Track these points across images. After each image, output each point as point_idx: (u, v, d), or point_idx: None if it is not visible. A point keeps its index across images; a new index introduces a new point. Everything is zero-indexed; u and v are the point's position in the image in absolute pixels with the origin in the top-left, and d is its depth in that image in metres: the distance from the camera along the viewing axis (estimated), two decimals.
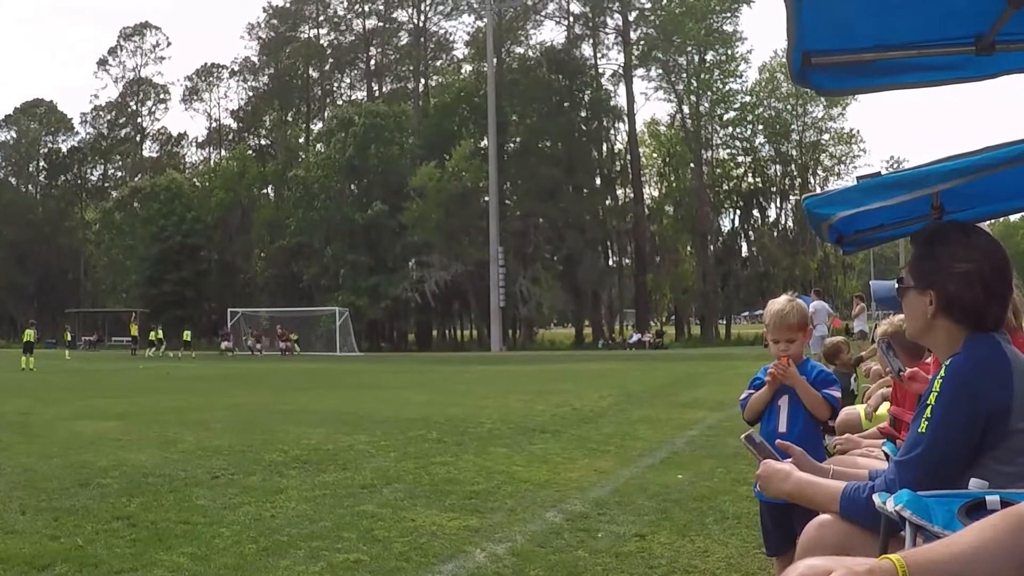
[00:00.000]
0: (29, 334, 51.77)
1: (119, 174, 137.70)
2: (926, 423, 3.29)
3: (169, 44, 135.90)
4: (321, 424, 18.30)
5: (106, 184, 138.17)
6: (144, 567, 7.36)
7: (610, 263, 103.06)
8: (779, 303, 5.97)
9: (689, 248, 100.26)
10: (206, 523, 8.98)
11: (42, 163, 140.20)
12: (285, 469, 12.46)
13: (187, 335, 72.53)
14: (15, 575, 7.19)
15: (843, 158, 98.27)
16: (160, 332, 71.13)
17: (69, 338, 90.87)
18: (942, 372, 3.33)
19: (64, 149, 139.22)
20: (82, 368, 50.46)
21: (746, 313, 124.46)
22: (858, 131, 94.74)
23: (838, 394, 5.97)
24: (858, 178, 6.50)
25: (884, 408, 8.00)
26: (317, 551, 7.88)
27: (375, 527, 8.78)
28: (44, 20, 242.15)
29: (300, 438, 15.91)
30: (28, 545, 8.03)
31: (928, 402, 3.31)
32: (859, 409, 7.47)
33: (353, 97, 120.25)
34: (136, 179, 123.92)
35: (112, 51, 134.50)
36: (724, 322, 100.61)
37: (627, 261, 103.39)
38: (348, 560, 7.57)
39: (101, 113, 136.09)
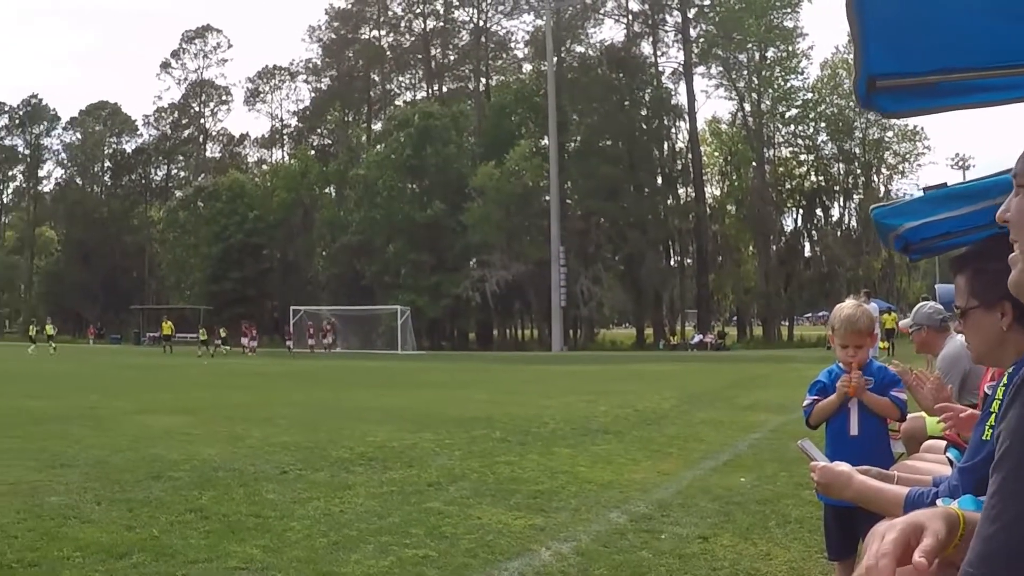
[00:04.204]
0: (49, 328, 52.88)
1: (182, 174, 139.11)
2: (990, 430, 3.29)
3: (230, 46, 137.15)
4: (385, 422, 18.50)
5: (169, 184, 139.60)
6: (218, 558, 7.52)
7: (672, 263, 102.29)
8: (848, 308, 5.90)
9: (751, 248, 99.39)
10: (277, 517, 9.16)
11: (107, 164, 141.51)
12: (352, 466, 12.63)
13: (201, 332, 72.46)
14: (95, 563, 7.33)
15: (907, 156, 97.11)
16: (204, 332, 71.27)
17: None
18: (1004, 380, 3.31)
19: (128, 150, 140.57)
20: (146, 363, 50.84)
21: (809, 314, 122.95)
22: (922, 128, 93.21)
23: (904, 395, 6.00)
24: (924, 189, 6.51)
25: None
26: (386, 546, 8.01)
27: (442, 524, 8.90)
28: (106, 24, 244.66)
29: (365, 435, 16.07)
30: (105, 535, 8.21)
31: (991, 409, 3.31)
32: (924, 416, 7.44)
33: (415, 97, 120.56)
34: (199, 179, 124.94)
35: (175, 54, 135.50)
36: (786, 323, 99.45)
37: (689, 261, 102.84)
38: (416, 555, 7.70)
39: (164, 114, 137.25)
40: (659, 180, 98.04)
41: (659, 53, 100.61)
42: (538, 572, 7.29)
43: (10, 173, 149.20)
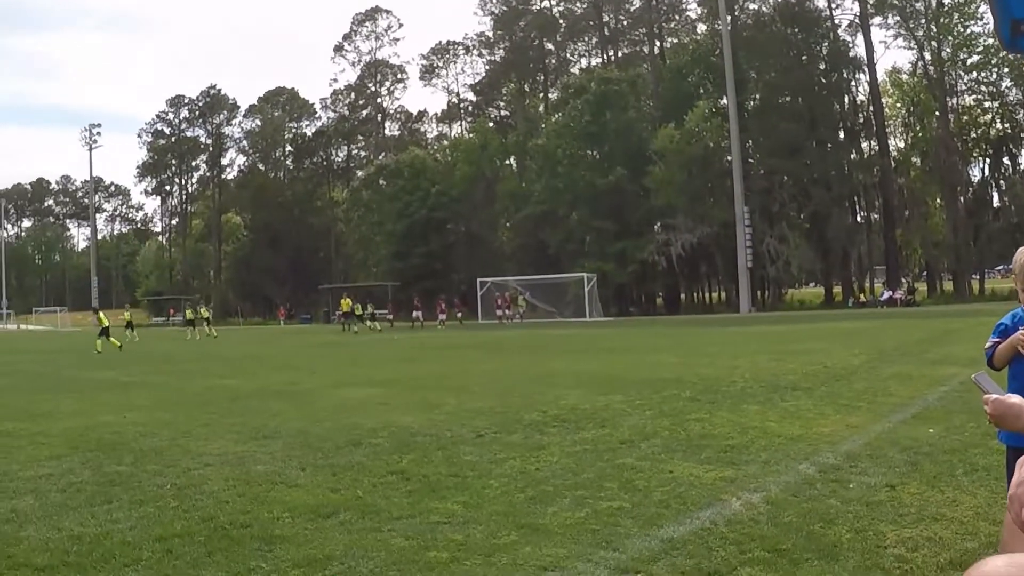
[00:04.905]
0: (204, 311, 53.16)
1: (363, 154, 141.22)
2: None
3: (401, 25, 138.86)
4: (576, 386, 18.84)
5: (351, 164, 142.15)
6: (421, 514, 7.99)
7: (858, 219, 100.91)
8: None
9: (939, 200, 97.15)
10: (475, 476, 9.64)
11: (287, 148, 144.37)
12: (545, 428, 13.06)
13: (346, 305, 71.08)
14: (303, 521, 7.85)
15: None
16: (359, 307, 71.11)
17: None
18: None
19: (308, 133, 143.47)
20: (336, 341, 52.16)
21: (1000, 267, 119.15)
22: None
23: None
24: None
25: None
26: (581, 499, 8.37)
27: (635, 478, 9.26)
28: (276, 13, 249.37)
29: (557, 399, 16.49)
30: (311, 497, 8.77)
31: None
32: None
33: (590, 64, 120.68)
34: (380, 157, 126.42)
35: (347, 37, 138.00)
36: (977, 277, 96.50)
37: (875, 216, 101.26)
38: (611, 507, 8.03)
39: (341, 97, 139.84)
40: (841, 134, 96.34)
41: (833, 5, 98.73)
42: (729, 520, 7.52)
43: (194, 163, 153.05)
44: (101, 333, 45.92)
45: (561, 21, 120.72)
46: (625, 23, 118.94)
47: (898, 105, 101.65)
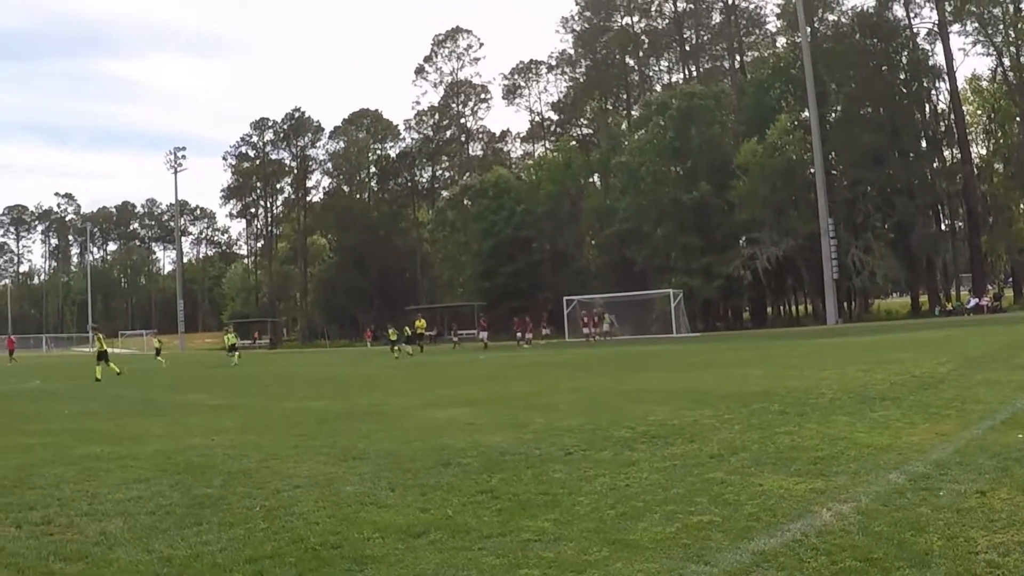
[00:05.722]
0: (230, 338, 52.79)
1: (447, 174, 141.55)
2: None
3: (481, 45, 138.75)
4: (664, 402, 18.84)
5: (435, 185, 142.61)
6: (511, 532, 8.04)
7: (942, 227, 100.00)
8: None
9: (1022, 206, 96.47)
10: (565, 493, 9.65)
11: (372, 169, 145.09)
12: (634, 444, 13.06)
13: (393, 334, 70.17)
14: (394, 541, 7.92)
15: None
16: (392, 332, 70.23)
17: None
18: None
19: (392, 155, 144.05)
20: (422, 362, 52.34)
21: None
22: None
23: None
24: None
25: None
26: (672, 514, 8.39)
27: (725, 492, 9.27)
28: (359, 35, 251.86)
29: (646, 415, 16.51)
30: (401, 517, 8.83)
31: None
32: None
33: (671, 80, 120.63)
34: (464, 177, 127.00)
35: (427, 58, 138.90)
36: None
37: (959, 224, 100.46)
38: (702, 521, 8.06)
39: (424, 118, 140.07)
40: (923, 143, 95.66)
41: (912, 15, 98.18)
42: (820, 531, 7.53)
43: (278, 185, 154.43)
44: (100, 358, 43.81)
45: (643, 37, 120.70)
46: (706, 38, 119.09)
47: (979, 112, 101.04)
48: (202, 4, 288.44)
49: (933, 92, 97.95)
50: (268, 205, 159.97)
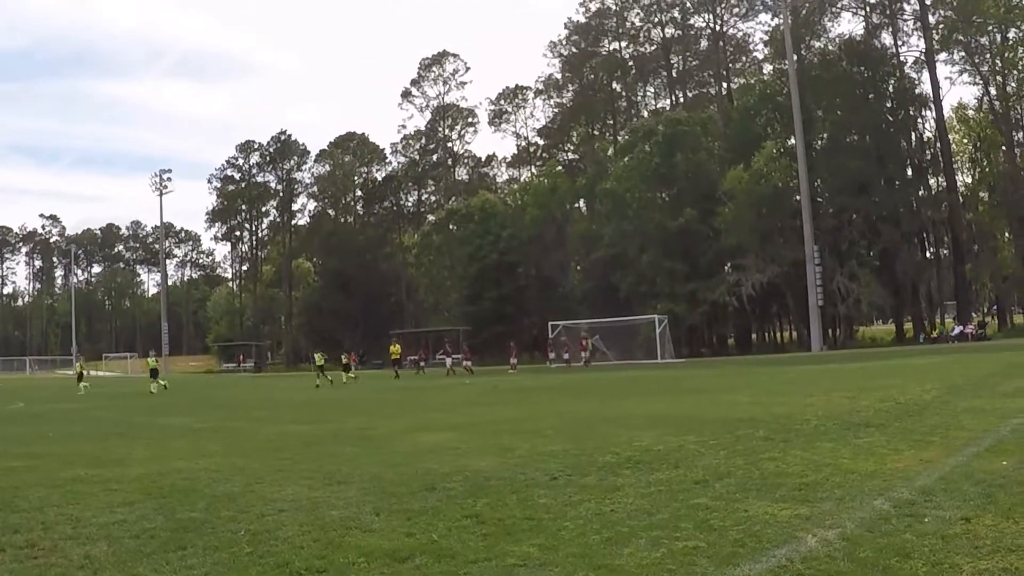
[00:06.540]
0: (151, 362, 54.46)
1: (433, 198, 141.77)
2: None
3: (468, 69, 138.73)
4: (650, 427, 18.89)
5: (421, 208, 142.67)
6: (497, 557, 8.05)
7: (927, 255, 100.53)
8: None
9: (1007, 234, 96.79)
10: (550, 518, 9.66)
11: (358, 192, 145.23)
12: (619, 469, 13.10)
13: (320, 359, 67.39)
14: (379, 566, 7.93)
15: None
16: (320, 356, 68.14)
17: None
18: None
19: (379, 178, 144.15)
20: (406, 386, 52.30)
21: None
22: None
23: None
24: None
25: None
26: (657, 540, 8.42)
27: (710, 518, 9.30)
28: (346, 59, 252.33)
29: (631, 440, 16.54)
30: (387, 541, 8.84)
31: None
32: None
33: (657, 106, 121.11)
34: (450, 202, 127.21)
35: (414, 82, 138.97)
36: None
37: (944, 252, 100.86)
38: (687, 547, 8.10)
39: (411, 141, 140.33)
40: (909, 171, 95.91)
41: (899, 43, 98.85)
42: (805, 557, 7.57)
43: (264, 209, 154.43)
44: (79, 378, 49.52)
45: (631, 63, 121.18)
46: (693, 64, 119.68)
47: (964, 141, 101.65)
48: (190, 27, 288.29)
49: (919, 120, 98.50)
50: (253, 228, 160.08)
